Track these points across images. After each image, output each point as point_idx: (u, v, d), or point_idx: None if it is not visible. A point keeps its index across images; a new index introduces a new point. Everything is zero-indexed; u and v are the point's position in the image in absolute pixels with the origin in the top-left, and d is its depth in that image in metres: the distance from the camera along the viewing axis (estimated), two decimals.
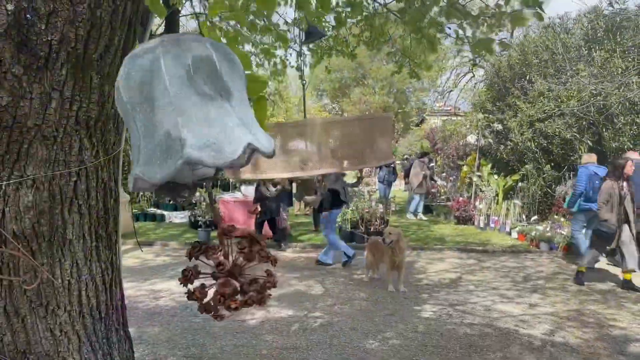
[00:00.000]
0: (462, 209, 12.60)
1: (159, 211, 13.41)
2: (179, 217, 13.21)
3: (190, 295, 1.46)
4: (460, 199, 13.18)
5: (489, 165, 13.89)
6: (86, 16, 1.96)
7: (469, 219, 12.55)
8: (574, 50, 12.45)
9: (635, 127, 11.70)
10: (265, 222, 10.20)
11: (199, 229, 11.01)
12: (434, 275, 7.82)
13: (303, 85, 2.58)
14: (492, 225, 11.92)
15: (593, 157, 8.85)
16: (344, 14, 3.10)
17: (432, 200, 14.42)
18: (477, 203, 12.58)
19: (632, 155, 8.80)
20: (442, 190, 14.53)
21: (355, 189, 10.62)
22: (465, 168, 14.88)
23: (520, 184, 12.33)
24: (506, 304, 6.31)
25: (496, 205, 12.31)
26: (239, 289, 1.40)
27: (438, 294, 6.79)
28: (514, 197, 12.23)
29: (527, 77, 12.97)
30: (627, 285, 6.99)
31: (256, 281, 1.38)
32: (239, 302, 1.39)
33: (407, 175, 14.75)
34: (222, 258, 1.42)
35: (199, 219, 11.27)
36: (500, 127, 13.39)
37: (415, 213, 13.64)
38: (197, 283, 1.53)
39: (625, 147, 11.67)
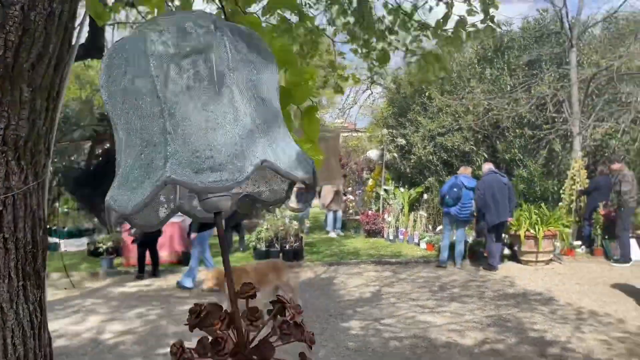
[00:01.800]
0: (372, 222, 12.85)
1: (52, 239, 12.31)
2: (75, 245, 12.21)
3: None
4: (370, 212, 13.45)
5: (392, 179, 14.36)
6: (18, 19, 1.68)
7: (378, 231, 12.82)
8: (468, 68, 13.26)
9: (523, 140, 12.67)
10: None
11: (101, 257, 10.22)
12: (355, 290, 7.83)
13: None
14: (400, 237, 12.26)
15: (467, 170, 9.58)
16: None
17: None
18: (385, 216, 12.89)
19: (487, 165, 9.54)
20: (350, 205, 14.75)
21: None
22: (370, 182, 15.25)
23: (425, 195, 12.83)
24: (428, 315, 6.44)
25: (403, 217, 12.69)
26: None
27: (362, 308, 6.79)
28: (419, 209, 12.69)
29: (427, 94, 13.60)
30: None
31: None
32: None
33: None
34: (222, 332, 0.96)
35: (100, 246, 10.47)
36: (403, 141, 13.90)
37: (334, 230, 13.57)
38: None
39: (517, 158, 12.59)
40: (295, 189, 1.25)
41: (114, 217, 0.82)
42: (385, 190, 13.62)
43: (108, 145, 2.85)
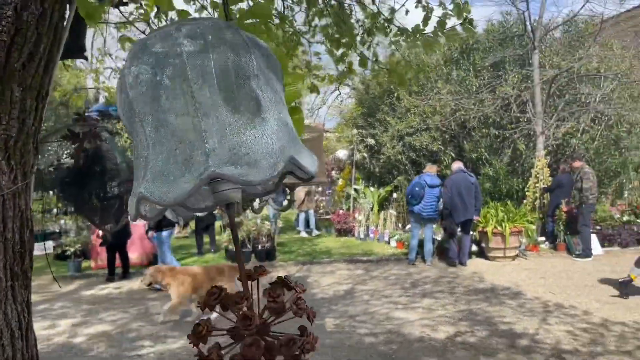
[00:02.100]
0: (343, 221, 12.98)
1: None
2: (40, 249, 11.90)
3: (203, 358, 1.12)
4: (341, 211, 13.57)
5: (362, 179, 14.52)
6: (11, 19, 1.69)
7: (349, 230, 12.94)
8: (435, 70, 13.50)
9: (489, 139, 12.99)
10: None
11: (68, 261, 10.01)
12: (328, 288, 7.91)
13: None
14: (371, 235, 12.41)
15: (432, 169, 9.80)
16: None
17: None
18: (356, 215, 13.03)
19: (456, 164, 9.81)
20: (321, 205, 14.85)
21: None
22: (340, 182, 15.37)
23: (394, 194, 13.01)
24: (402, 311, 6.56)
25: (373, 216, 12.85)
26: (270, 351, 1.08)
27: (336, 306, 6.87)
28: (389, 208, 12.86)
29: (395, 94, 13.79)
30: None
31: (294, 342, 1.07)
32: None
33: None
34: (248, 310, 1.10)
35: (67, 248, 10.26)
36: (373, 141, 14.06)
37: (307, 230, 13.56)
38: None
39: (483, 157, 12.90)
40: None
41: (153, 212, 0.88)
42: (356, 190, 13.76)
43: (87, 145, 2.84)
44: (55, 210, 11.67)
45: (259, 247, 9.94)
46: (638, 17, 13.81)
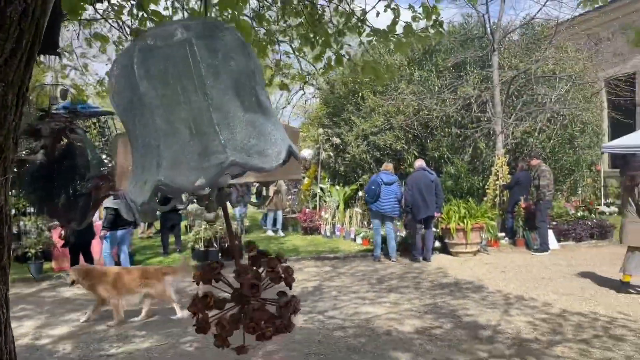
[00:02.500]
0: (309, 219, 13.07)
1: None
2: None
3: (203, 327, 1.20)
4: (307, 210, 13.66)
5: (328, 177, 14.66)
6: None
7: (315, 229, 13.04)
8: (399, 70, 13.73)
9: (450, 138, 13.31)
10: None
11: (29, 262, 9.74)
12: (297, 285, 7.95)
13: None
14: (337, 233, 12.53)
15: (389, 166, 10.05)
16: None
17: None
18: (322, 213, 13.14)
19: (418, 162, 10.09)
20: (287, 204, 14.88)
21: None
22: (306, 181, 15.44)
23: (359, 193, 13.18)
24: (369, 306, 6.70)
25: (339, 214, 12.98)
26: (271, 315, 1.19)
27: (305, 302, 6.94)
28: (354, 206, 13.02)
29: (360, 94, 13.96)
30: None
31: (290, 303, 1.18)
32: (272, 329, 1.17)
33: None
34: (254, 279, 1.19)
35: (28, 250, 9.97)
36: (338, 140, 14.20)
37: (274, 229, 13.56)
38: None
39: (445, 155, 13.21)
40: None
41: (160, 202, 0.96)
42: (321, 189, 13.88)
43: (61, 142, 2.83)
44: (13, 211, 11.34)
45: (226, 246, 9.90)
46: (591, 20, 14.41)
